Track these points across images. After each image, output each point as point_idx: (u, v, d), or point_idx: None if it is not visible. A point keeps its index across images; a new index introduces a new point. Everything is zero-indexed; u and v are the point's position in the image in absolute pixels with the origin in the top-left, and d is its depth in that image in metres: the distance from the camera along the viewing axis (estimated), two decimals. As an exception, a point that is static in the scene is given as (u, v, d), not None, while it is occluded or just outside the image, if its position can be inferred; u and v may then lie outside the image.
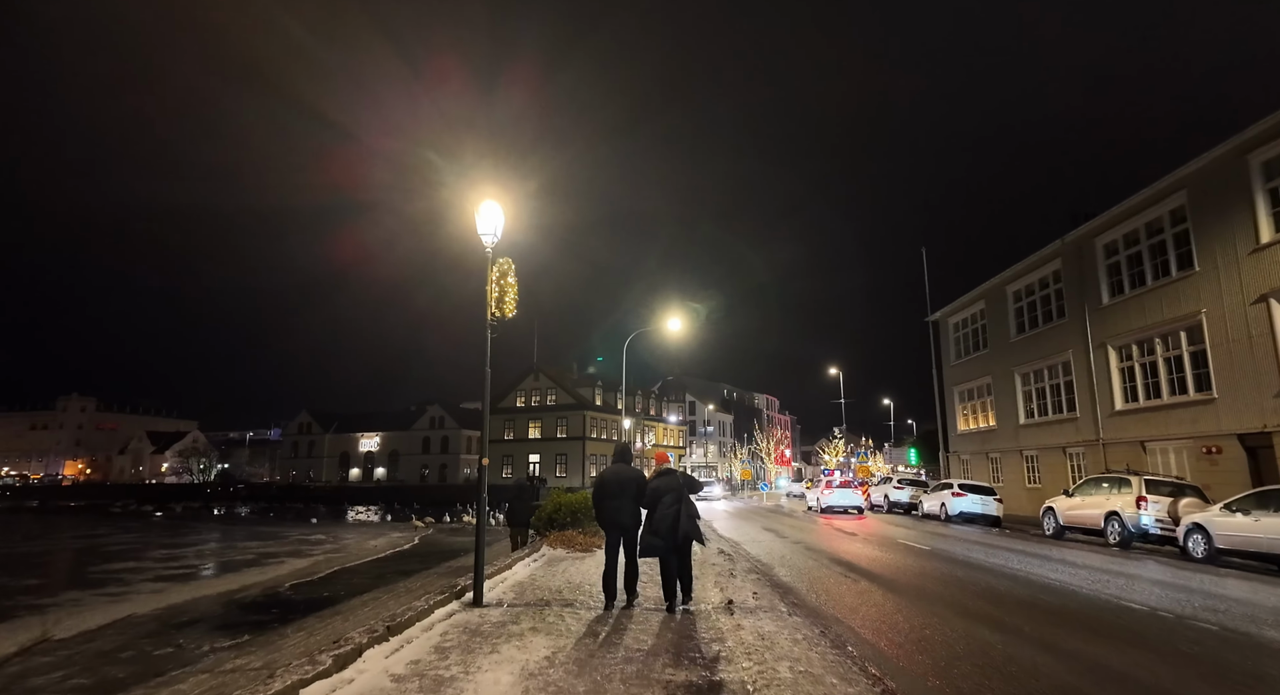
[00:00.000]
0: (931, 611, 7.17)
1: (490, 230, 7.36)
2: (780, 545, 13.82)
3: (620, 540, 6.90)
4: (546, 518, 12.47)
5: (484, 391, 7.26)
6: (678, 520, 6.59)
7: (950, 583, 9.22)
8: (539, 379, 60.19)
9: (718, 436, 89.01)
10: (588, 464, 55.45)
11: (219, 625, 9.63)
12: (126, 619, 9.97)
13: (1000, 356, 26.87)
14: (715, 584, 8.44)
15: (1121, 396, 19.88)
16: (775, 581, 8.97)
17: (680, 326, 27.05)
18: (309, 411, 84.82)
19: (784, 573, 9.94)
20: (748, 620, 6.32)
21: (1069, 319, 22.33)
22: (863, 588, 8.67)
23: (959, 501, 20.25)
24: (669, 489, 6.79)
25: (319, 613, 9.65)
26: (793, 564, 10.93)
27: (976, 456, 28.92)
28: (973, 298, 29.39)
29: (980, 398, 29.01)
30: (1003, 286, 26.67)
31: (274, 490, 68.14)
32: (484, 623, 6.07)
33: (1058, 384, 23.10)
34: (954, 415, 31.34)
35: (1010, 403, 26.04)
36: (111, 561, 17.61)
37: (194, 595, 12.19)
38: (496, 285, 7.26)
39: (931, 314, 32.67)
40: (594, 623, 6.18)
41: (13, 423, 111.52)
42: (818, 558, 11.72)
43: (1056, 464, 22.91)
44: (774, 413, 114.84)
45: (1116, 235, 20.04)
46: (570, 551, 11.42)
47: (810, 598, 7.96)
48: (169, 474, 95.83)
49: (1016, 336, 25.84)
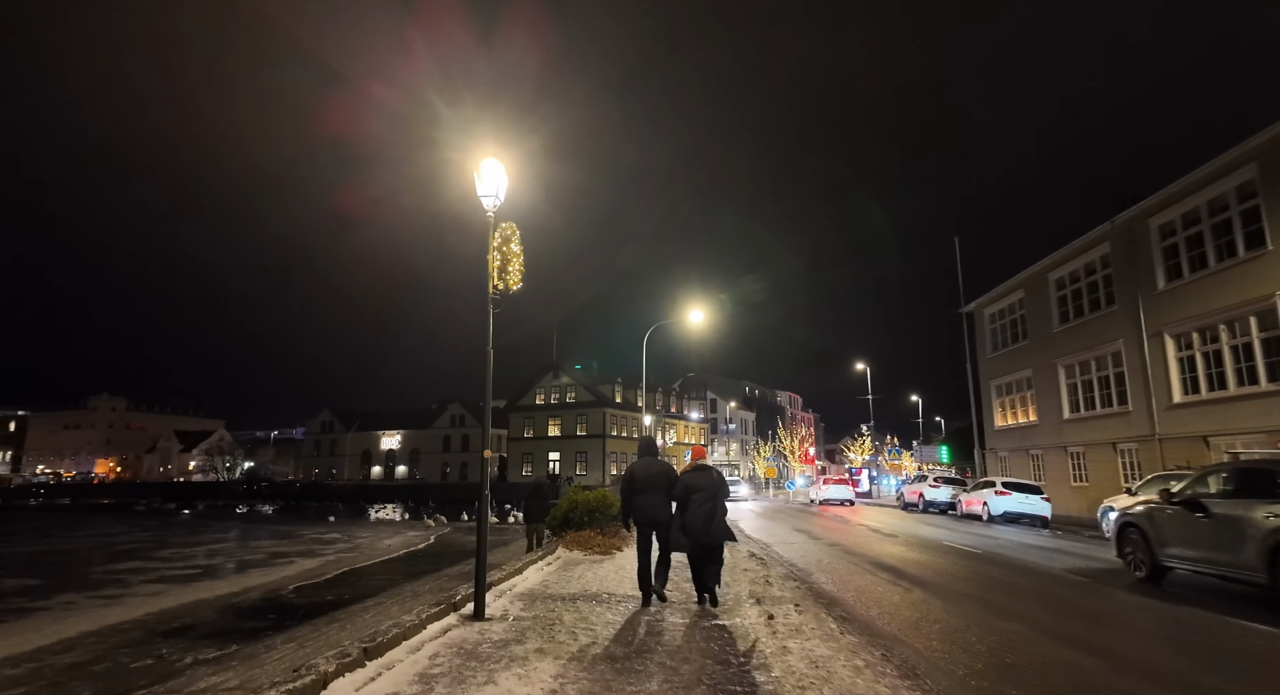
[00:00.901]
0: (1007, 629, 6.13)
1: (492, 192, 6.47)
2: (815, 548, 12.80)
3: (651, 536, 6.73)
4: (562, 517, 11.58)
5: (485, 374, 6.37)
6: (711, 519, 6.43)
7: (1018, 593, 8.15)
8: (558, 376, 59.53)
9: (740, 434, 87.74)
10: (608, 462, 54.66)
11: (209, 633, 8.92)
12: (113, 625, 9.32)
13: (1041, 348, 25.44)
14: (750, 593, 7.47)
15: (1180, 388, 18.46)
16: (817, 590, 7.97)
17: (702, 319, 26.04)
18: (331, 410, 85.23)
19: (824, 580, 8.93)
20: (794, 641, 5.35)
21: (1119, 307, 20.90)
22: (917, 598, 7.64)
23: (1003, 500, 18.99)
24: (703, 486, 6.59)
25: (315, 620, 8.87)
26: (832, 569, 9.91)
27: (1016, 453, 27.51)
28: (1010, 287, 27.96)
29: (1019, 392, 27.58)
30: (1044, 274, 25.24)
31: (296, 488, 68.37)
32: (483, 641, 5.18)
33: (1106, 376, 21.68)
34: (991, 411, 29.92)
35: (1053, 397, 24.63)
36: (118, 561, 17.16)
37: (192, 598, 11.55)
38: (498, 253, 6.37)
39: (965, 305, 31.25)
40: (612, 642, 5.26)
41: (47, 422, 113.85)
42: (858, 562, 10.68)
43: (1105, 461, 21.50)
44: (797, 410, 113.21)
45: (1173, 215, 18.61)
46: (587, 554, 10.53)
47: (860, 610, 6.95)
48: (195, 472, 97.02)
49: (1059, 327, 24.41)
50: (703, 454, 7.26)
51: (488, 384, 6.37)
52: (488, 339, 6.40)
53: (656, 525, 6.68)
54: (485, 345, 6.40)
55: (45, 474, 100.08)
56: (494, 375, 6.45)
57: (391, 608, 9.27)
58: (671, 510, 6.76)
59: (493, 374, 6.37)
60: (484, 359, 6.39)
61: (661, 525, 6.68)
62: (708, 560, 6.64)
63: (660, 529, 6.69)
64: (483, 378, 6.37)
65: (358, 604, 10.06)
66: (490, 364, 6.39)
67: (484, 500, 6.16)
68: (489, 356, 6.40)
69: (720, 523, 6.53)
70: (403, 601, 9.49)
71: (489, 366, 6.39)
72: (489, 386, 6.39)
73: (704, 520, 6.41)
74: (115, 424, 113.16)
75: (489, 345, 6.40)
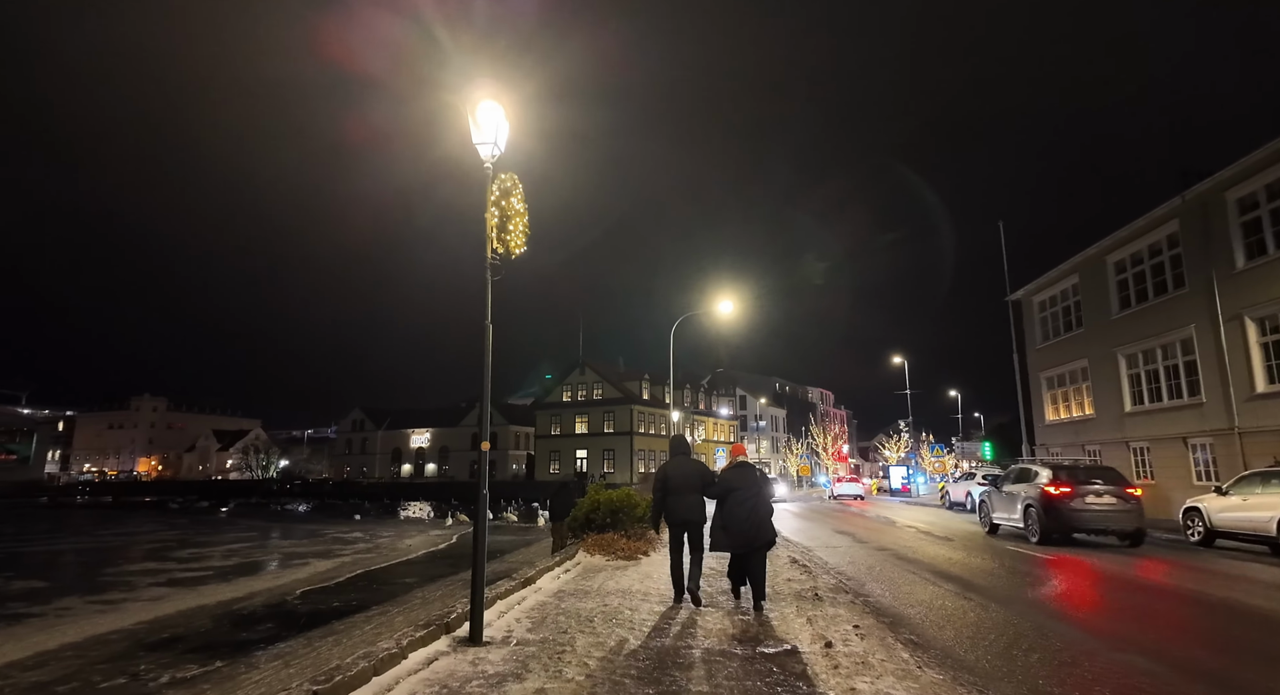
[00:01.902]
0: (1122, 662, 4.94)
1: (490, 138, 5.48)
2: (862, 553, 11.61)
3: (685, 537, 6.59)
4: (582, 519, 10.60)
5: (484, 353, 5.39)
6: (754, 517, 6.22)
7: (1118, 612, 6.92)
8: (585, 373, 58.77)
9: (770, 432, 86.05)
10: (636, 459, 53.73)
11: (198, 646, 8.17)
12: (99, 636, 8.64)
13: (1099, 336, 23.68)
14: (798, 610, 6.38)
15: (1264, 377, 16.74)
16: (875, 605, 6.85)
17: (731, 309, 24.87)
18: (361, 409, 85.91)
19: (881, 592, 7.78)
20: (863, 679, 4.26)
21: (1190, 289, 19.16)
22: (997, 618, 6.46)
23: (1063, 500, 17.45)
24: (744, 483, 6.40)
25: (311, 633, 8.05)
26: (888, 579, 8.74)
27: (1069, 449, 25.74)
28: (1063, 272, 26.17)
29: (1073, 384, 25.82)
30: (1101, 257, 23.48)
31: (328, 487, 68.91)
32: (473, 677, 4.20)
33: (1175, 365, 19.94)
34: (1040, 404, 28.16)
35: (1112, 388, 22.89)
36: (133, 561, 16.76)
37: (193, 604, 10.89)
38: (496, 208, 5.38)
39: (1012, 293, 29.49)
40: (635, 681, 4.23)
41: (93, 422, 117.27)
42: (916, 570, 9.48)
43: (1174, 457, 19.79)
44: (829, 407, 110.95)
45: (1255, 186, 16.88)
46: (610, 558, 9.53)
47: (932, 632, 5.82)
48: (232, 470, 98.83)
49: (1119, 313, 22.65)
50: (743, 451, 6.96)
51: (486, 363, 5.39)
52: (486, 311, 5.42)
53: (690, 526, 6.53)
54: (483, 318, 5.42)
55: (91, 472, 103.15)
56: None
57: (396, 618, 8.41)
58: (706, 511, 6.60)
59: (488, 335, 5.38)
60: (482, 335, 5.42)
61: (695, 525, 6.54)
62: (751, 560, 6.41)
63: (693, 529, 6.55)
64: (481, 355, 5.39)
65: (361, 613, 9.23)
66: (489, 340, 5.42)
67: (482, 501, 5.18)
68: (487, 332, 5.42)
69: (765, 521, 6.32)
70: (409, 611, 8.62)
71: (487, 344, 5.41)
72: (488, 367, 5.41)
73: (746, 519, 6.20)
74: (157, 424, 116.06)
75: (487, 318, 5.43)
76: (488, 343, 5.40)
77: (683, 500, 6.48)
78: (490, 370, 5.39)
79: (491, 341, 5.43)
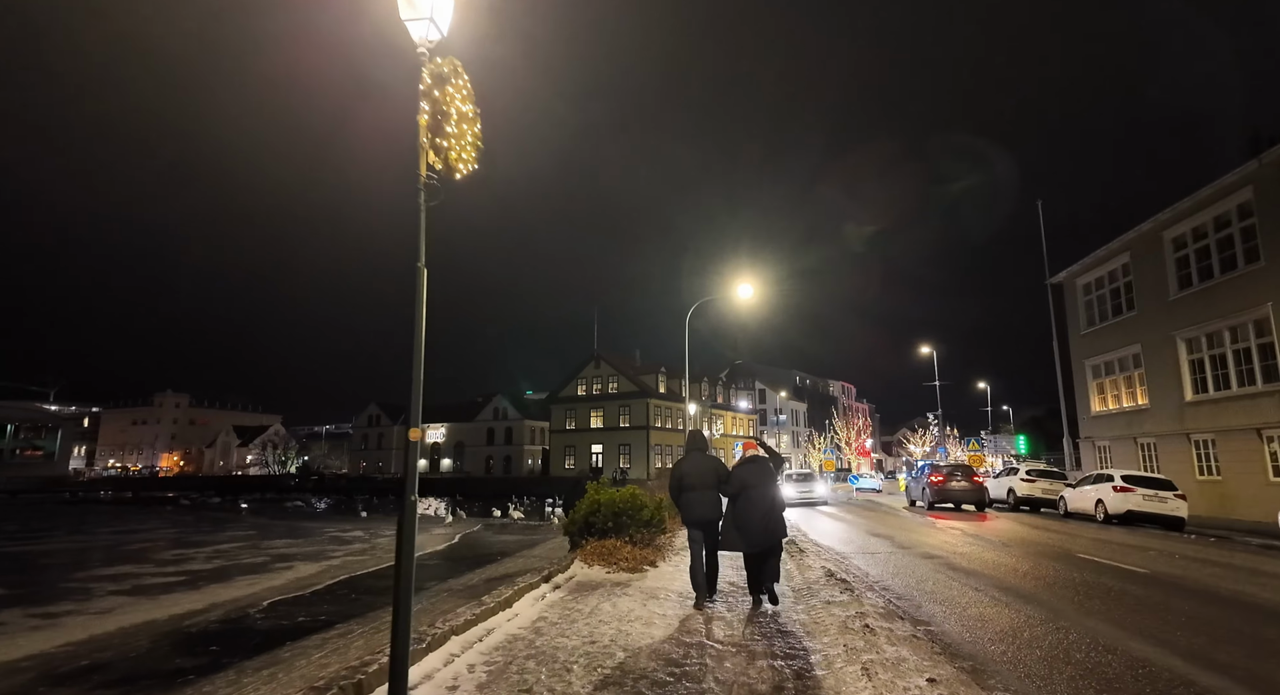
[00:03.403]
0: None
1: (425, 12, 3.98)
2: (907, 561, 10.00)
3: (703, 535, 6.45)
4: (581, 522, 9.12)
5: (416, 303, 3.91)
6: (768, 517, 6.14)
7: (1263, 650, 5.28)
8: (599, 366, 57.38)
9: (790, 426, 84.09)
10: (652, 454, 52.28)
11: (113, 679, 6.84)
12: (9, 663, 7.37)
13: (1155, 319, 21.69)
14: (847, 651, 4.84)
15: (1359, 359, 14.78)
16: (944, 640, 5.28)
17: (751, 294, 23.22)
18: (377, 403, 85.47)
19: (944, 616, 6.21)
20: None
21: (1266, 264, 17.19)
22: (1140, 656, 4.86)
23: (1125, 498, 15.66)
24: (757, 481, 6.28)
25: (247, 663, 6.69)
26: (949, 598, 7.15)
27: (1120, 442, 23.81)
28: (1112, 251, 24.17)
29: (1124, 371, 23.82)
30: (1157, 233, 21.47)
31: (344, 482, 68.57)
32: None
33: (1247, 348, 17.96)
34: (1085, 395, 26.17)
35: (1170, 375, 20.92)
36: (111, 564, 15.68)
37: (141, 619, 9.63)
38: (426, 102, 3.88)
39: (1053, 276, 27.48)
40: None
41: (117, 419, 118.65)
42: (979, 585, 7.87)
43: (1247, 450, 17.84)
44: (850, 401, 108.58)
45: (1347, 143, 14.89)
46: (611, 570, 8.05)
47: (1040, 689, 4.25)
48: (252, 466, 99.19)
49: (1179, 293, 20.66)
50: (754, 447, 6.80)
51: (419, 317, 3.90)
52: (419, 248, 3.95)
53: (707, 524, 6.43)
54: (415, 260, 3.95)
55: (115, 468, 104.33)
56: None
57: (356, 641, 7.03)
58: (722, 508, 6.46)
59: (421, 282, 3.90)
60: (415, 278, 3.94)
61: (711, 524, 6.43)
62: (767, 559, 6.30)
63: (709, 528, 6.43)
64: (411, 307, 3.91)
65: (319, 634, 7.88)
66: (423, 287, 3.94)
67: (408, 508, 3.71)
68: (420, 277, 3.95)
69: (777, 519, 6.23)
70: (369, 635, 7.24)
71: (421, 292, 3.92)
72: (420, 323, 3.92)
73: (760, 520, 6.09)
74: (179, 420, 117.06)
75: (420, 259, 3.95)
76: (421, 290, 3.92)
77: (699, 497, 6.34)
78: (424, 324, 3.91)
79: (426, 287, 3.95)
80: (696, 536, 6.40)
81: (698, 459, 6.54)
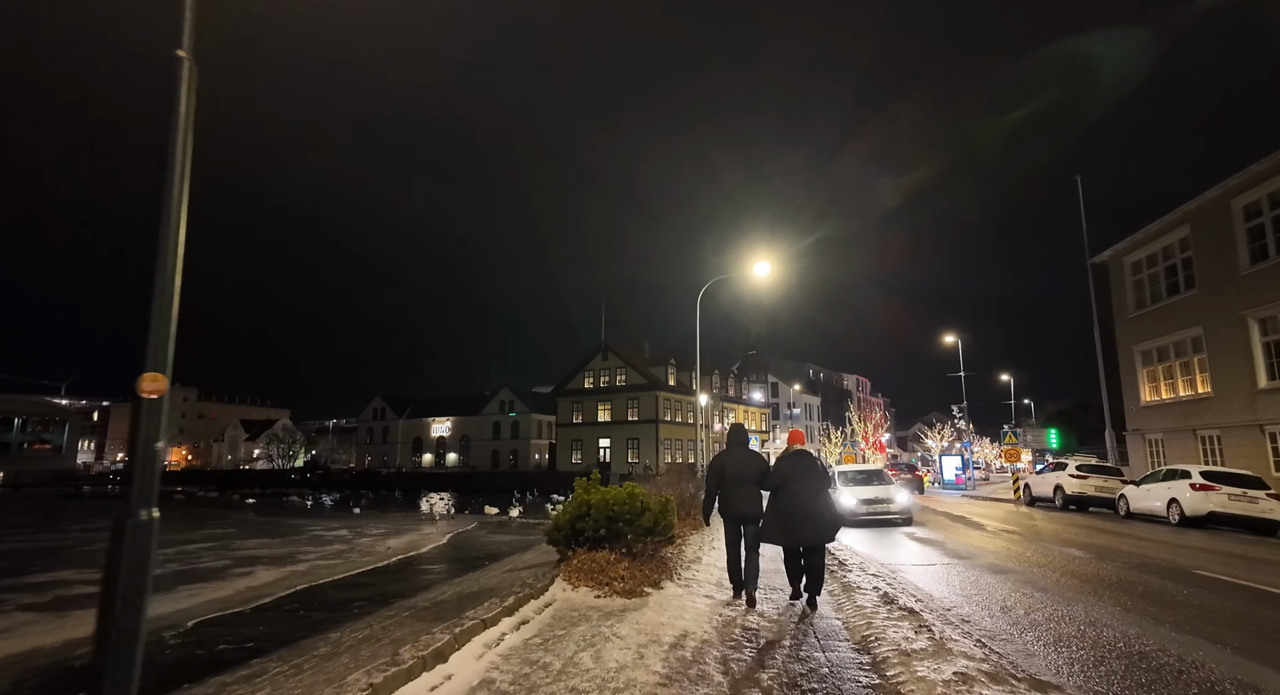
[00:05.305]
0: None
1: None
2: (973, 576, 8.04)
3: (741, 531, 6.16)
4: (567, 528, 7.22)
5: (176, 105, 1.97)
6: (810, 510, 5.80)
7: None
8: (608, 358, 55.55)
9: (804, 420, 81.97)
10: (661, 448, 50.41)
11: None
12: None
13: (1220, 297, 19.50)
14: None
15: None
16: None
17: (768, 272, 21.26)
18: (382, 397, 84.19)
19: (1067, 671, 4.26)
20: None
21: (1363, 228, 14.98)
22: None
23: (1206, 497, 13.58)
24: (801, 475, 5.96)
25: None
26: (1059, 633, 5.17)
27: (1175, 435, 21.64)
28: (1168, 225, 21.96)
29: (1180, 357, 21.64)
30: (1225, 201, 19.26)
31: (349, 476, 67.36)
32: None
33: (1337, 327, 15.78)
34: (1134, 383, 23.98)
35: (1238, 360, 18.75)
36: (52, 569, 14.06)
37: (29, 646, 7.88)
38: None
39: (1096, 255, 25.27)
40: None
41: (127, 412, 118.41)
42: (1088, 606, 5.89)
43: (1337, 444, 15.67)
44: (865, 395, 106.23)
45: None
46: (600, 594, 6.14)
47: None
48: (258, 460, 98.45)
49: (1250, 268, 18.47)
50: (800, 438, 6.50)
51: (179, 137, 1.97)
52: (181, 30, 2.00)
53: (746, 520, 6.14)
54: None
55: (122, 461, 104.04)
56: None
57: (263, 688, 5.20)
58: (763, 505, 6.18)
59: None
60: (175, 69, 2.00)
61: (751, 520, 6.13)
62: (807, 559, 6.01)
63: (750, 524, 6.14)
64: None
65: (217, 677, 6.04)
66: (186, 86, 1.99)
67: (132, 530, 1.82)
68: (182, 69, 1.99)
69: (823, 517, 5.85)
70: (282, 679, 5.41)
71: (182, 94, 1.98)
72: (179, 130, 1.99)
73: (802, 513, 5.79)
74: (188, 414, 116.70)
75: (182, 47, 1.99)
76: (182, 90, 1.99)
77: (738, 491, 6.10)
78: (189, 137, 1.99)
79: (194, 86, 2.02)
80: (734, 532, 6.16)
81: (739, 453, 6.26)
